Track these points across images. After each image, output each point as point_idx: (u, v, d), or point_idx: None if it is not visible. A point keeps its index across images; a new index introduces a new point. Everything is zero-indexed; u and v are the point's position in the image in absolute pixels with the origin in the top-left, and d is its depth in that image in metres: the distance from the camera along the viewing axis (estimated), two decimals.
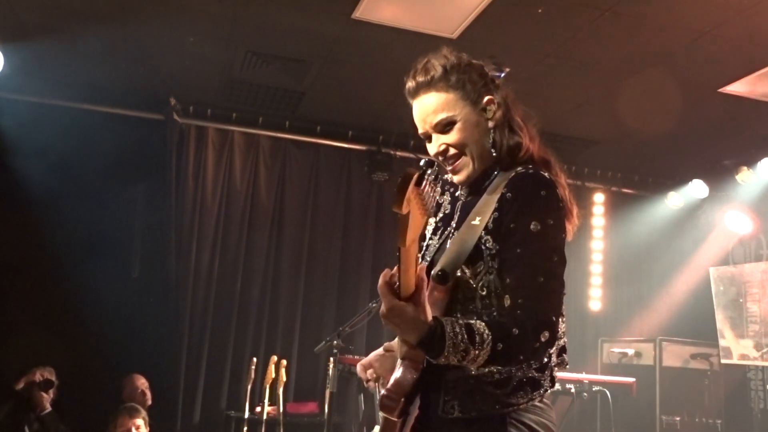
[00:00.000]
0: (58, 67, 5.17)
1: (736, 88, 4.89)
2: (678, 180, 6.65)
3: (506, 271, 1.62)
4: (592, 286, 6.81)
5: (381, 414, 1.61)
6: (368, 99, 5.56)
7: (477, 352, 1.48)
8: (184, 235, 5.72)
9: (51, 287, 5.24)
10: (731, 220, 6.32)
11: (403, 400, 1.58)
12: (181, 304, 5.61)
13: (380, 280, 1.51)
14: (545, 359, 1.65)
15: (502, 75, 1.92)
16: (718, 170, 6.26)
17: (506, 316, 1.57)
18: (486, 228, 1.65)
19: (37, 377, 4.61)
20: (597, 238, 6.90)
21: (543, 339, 1.54)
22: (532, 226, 1.60)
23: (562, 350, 1.73)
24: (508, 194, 1.66)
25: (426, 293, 1.51)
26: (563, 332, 1.71)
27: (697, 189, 6.46)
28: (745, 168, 6.01)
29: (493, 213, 1.66)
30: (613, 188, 6.97)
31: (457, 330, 1.49)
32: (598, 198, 6.91)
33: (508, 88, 1.85)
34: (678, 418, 5.69)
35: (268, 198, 6.05)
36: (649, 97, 5.10)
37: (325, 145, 6.21)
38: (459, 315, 1.65)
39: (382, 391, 1.61)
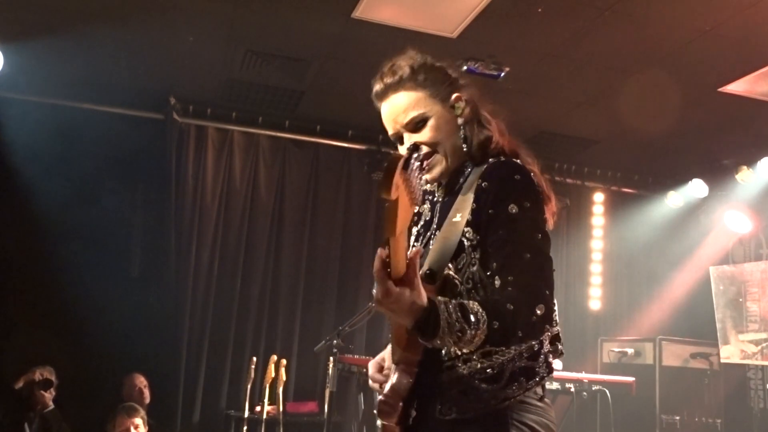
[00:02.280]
0: (58, 66, 5.17)
1: (736, 87, 4.89)
2: (678, 179, 6.65)
3: (492, 256, 1.61)
4: (592, 286, 6.81)
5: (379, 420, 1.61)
6: (368, 98, 5.51)
7: (473, 332, 1.45)
8: (183, 235, 5.72)
9: (51, 287, 5.24)
10: (731, 220, 6.32)
11: (401, 405, 1.58)
12: (181, 303, 5.61)
13: (376, 263, 1.44)
14: (536, 345, 1.64)
15: (502, 75, 1.93)
16: (717, 170, 6.26)
17: (499, 294, 1.56)
18: (468, 222, 1.65)
19: (37, 376, 4.62)
20: (597, 237, 6.90)
21: (539, 312, 1.51)
22: (510, 208, 1.60)
23: (556, 338, 1.72)
24: (483, 184, 1.67)
25: (419, 277, 1.46)
26: (556, 320, 1.69)
27: (696, 188, 6.45)
28: (744, 167, 6.01)
29: (471, 206, 1.66)
30: (612, 188, 6.97)
31: (451, 310, 1.45)
32: (598, 197, 6.91)
33: (472, 86, 1.86)
34: (678, 418, 5.69)
35: (267, 197, 6.05)
36: (649, 96, 5.10)
37: (325, 144, 6.20)
38: None
39: (379, 398, 1.61)
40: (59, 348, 5.08)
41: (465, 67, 4.51)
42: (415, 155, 1.43)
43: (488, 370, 1.60)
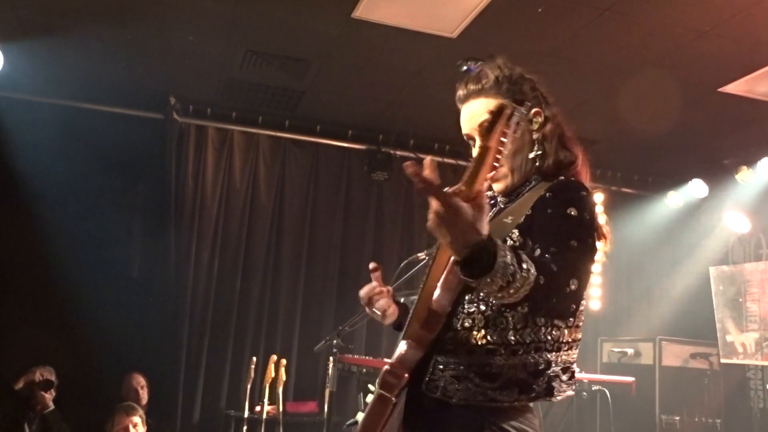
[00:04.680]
0: (58, 65, 5.17)
1: (736, 87, 4.89)
2: (678, 179, 6.65)
3: (539, 236, 1.60)
4: (592, 286, 6.80)
5: (377, 390, 1.60)
6: (368, 98, 5.56)
7: (523, 278, 1.40)
8: (183, 235, 5.72)
9: (51, 287, 5.24)
10: (731, 220, 6.32)
11: (406, 376, 1.59)
12: (181, 303, 5.61)
13: (424, 173, 1.32)
14: (542, 364, 1.63)
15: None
16: (717, 170, 6.26)
17: (539, 258, 1.54)
18: (518, 226, 1.66)
19: (37, 377, 4.61)
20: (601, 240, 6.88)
21: (572, 287, 1.52)
22: (569, 210, 1.61)
23: (567, 368, 1.70)
24: (548, 194, 1.67)
25: (487, 208, 1.39)
26: (582, 318, 1.71)
27: (696, 188, 6.46)
28: (744, 167, 6.02)
29: (526, 211, 1.67)
30: (612, 188, 6.97)
31: (508, 251, 1.40)
32: (598, 197, 6.86)
33: (559, 107, 1.86)
34: (677, 418, 5.69)
35: (267, 197, 6.05)
36: (649, 96, 5.10)
37: (325, 144, 6.20)
38: (473, 296, 1.66)
39: (385, 367, 1.61)
40: (59, 348, 5.08)
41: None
42: (519, 110, 1.49)
43: (486, 368, 1.59)
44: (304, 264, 6.06)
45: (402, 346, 1.62)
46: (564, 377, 1.68)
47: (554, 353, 1.65)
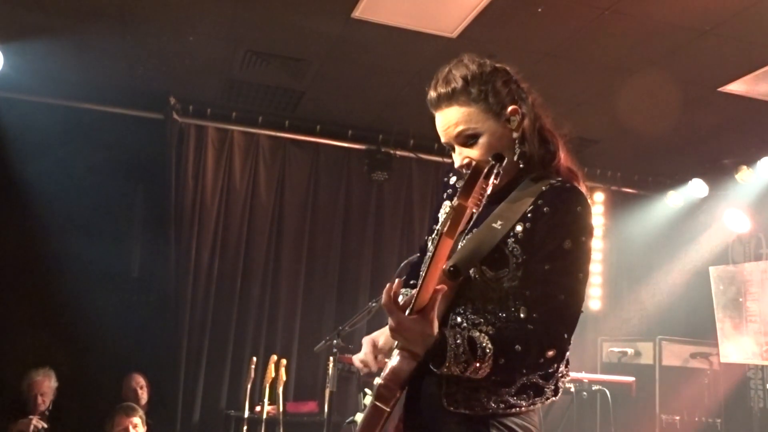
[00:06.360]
0: (58, 66, 5.17)
1: (736, 87, 4.89)
2: (678, 179, 6.65)
3: (530, 285, 1.62)
4: (592, 286, 6.80)
5: (372, 401, 1.61)
6: (368, 98, 5.56)
7: (478, 364, 1.52)
8: (183, 235, 5.72)
9: (51, 287, 5.24)
10: (731, 219, 6.31)
11: (400, 391, 1.59)
12: (181, 303, 5.60)
13: (384, 298, 1.54)
14: (551, 370, 1.66)
15: None
16: (717, 169, 6.26)
17: (515, 330, 1.59)
18: (515, 237, 1.64)
19: (32, 429, 4.46)
20: (596, 237, 6.86)
21: (549, 354, 1.57)
22: (565, 244, 1.62)
23: (567, 362, 1.74)
24: (545, 208, 1.65)
25: (436, 309, 1.53)
26: (567, 359, 1.72)
27: (696, 188, 6.46)
28: (744, 167, 6.01)
29: (524, 222, 1.65)
30: (612, 187, 6.97)
31: (459, 342, 1.52)
32: (598, 197, 6.91)
33: (535, 92, 1.82)
34: (677, 417, 5.70)
35: (267, 197, 6.04)
36: (649, 96, 5.10)
37: (325, 144, 6.20)
38: (470, 312, 1.66)
39: (379, 381, 1.61)
40: (59, 348, 5.08)
41: None
42: (497, 165, 1.51)
43: (497, 378, 1.60)
44: (304, 264, 6.05)
45: (395, 358, 1.60)
46: (565, 371, 1.73)
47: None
